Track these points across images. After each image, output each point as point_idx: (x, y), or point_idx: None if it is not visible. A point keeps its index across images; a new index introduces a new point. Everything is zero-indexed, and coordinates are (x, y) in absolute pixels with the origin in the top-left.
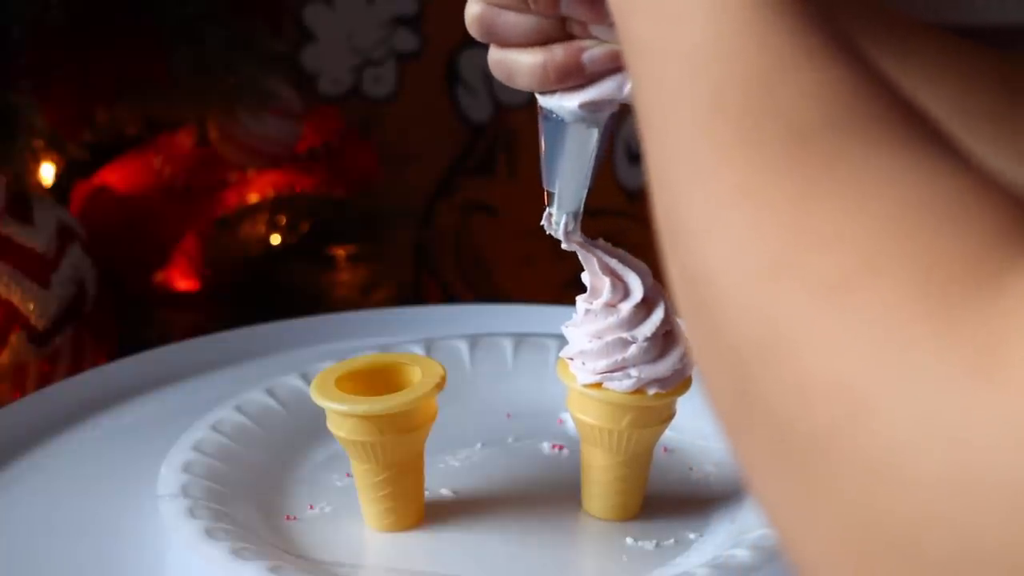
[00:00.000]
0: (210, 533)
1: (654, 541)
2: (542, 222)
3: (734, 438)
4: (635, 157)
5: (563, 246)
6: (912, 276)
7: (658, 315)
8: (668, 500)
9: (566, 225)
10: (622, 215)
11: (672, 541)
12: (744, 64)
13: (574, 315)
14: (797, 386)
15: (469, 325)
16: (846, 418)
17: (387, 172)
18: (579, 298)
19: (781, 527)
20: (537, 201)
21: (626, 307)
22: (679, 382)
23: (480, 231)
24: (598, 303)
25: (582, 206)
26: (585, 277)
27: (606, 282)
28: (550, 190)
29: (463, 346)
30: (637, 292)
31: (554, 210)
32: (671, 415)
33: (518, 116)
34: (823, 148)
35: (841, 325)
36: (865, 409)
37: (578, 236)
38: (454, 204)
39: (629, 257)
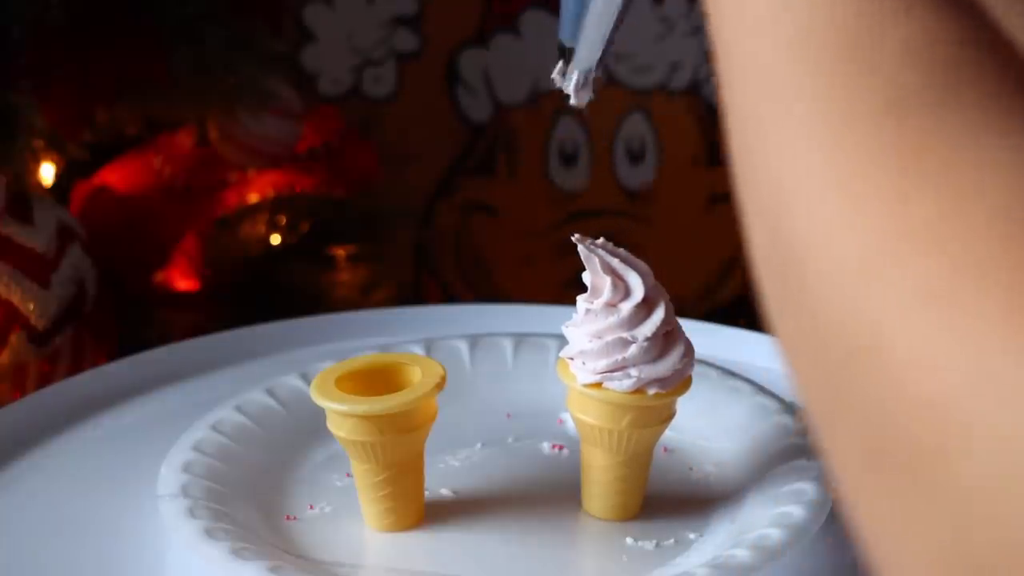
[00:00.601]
0: (210, 533)
1: (654, 541)
2: (553, 75)
3: (821, 427)
4: (635, 157)
5: (571, 101)
6: (1016, 289)
7: (659, 315)
8: (668, 500)
9: (578, 82)
10: (622, 215)
11: (672, 541)
12: (841, 10)
13: (574, 315)
14: (892, 396)
15: (469, 325)
16: (940, 440)
17: (387, 172)
18: (579, 298)
19: (867, 532)
20: (537, 202)
21: (627, 307)
22: (679, 382)
23: (480, 231)
24: (599, 303)
25: (596, 65)
26: (586, 276)
27: (607, 281)
28: (568, 45)
29: (463, 346)
30: (638, 292)
31: (569, 65)
32: (671, 415)
33: (518, 116)
34: (922, 118)
35: (940, 339)
36: (962, 434)
37: (588, 94)
38: (454, 204)
39: (630, 257)
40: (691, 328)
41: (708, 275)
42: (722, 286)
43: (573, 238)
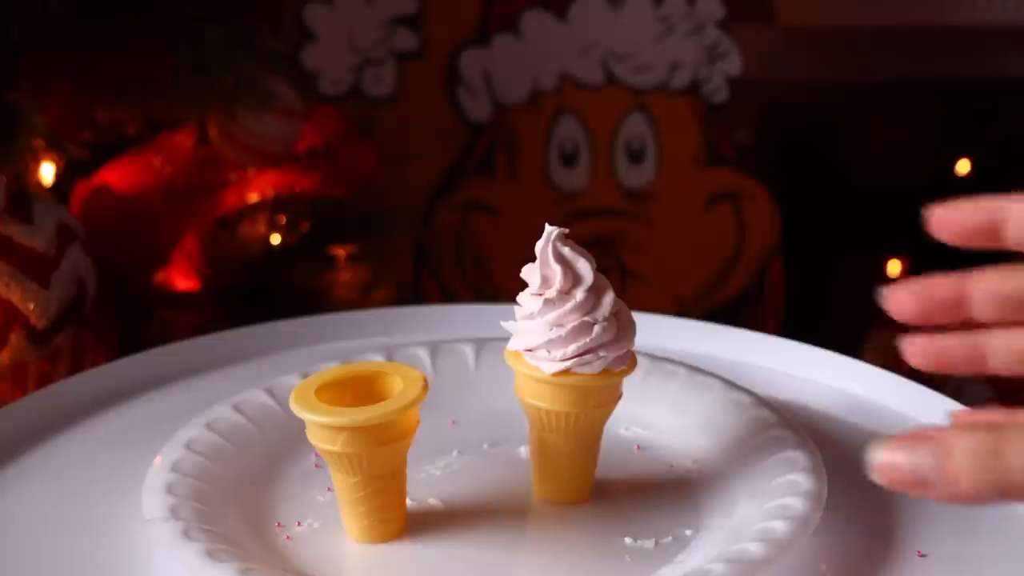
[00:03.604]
0: (187, 534)
1: (652, 540)
2: None
3: None
4: (635, 157)
5: None
6: None
7: (608, 297)
8: (656, 498)
9: None
10: (622, 215)
11: (670, 539)
12: None
13: (516, 310)
14: None
15: (469, 325)
16: None
17: (387, 172)
18: (524, 293)
19: None
20: (537, 202)
21: (580, 292)
22: (628, 358)
23: (480, 231)
24: (552, 291)
25: None
26: (529, 270)
27: (558, 270)
28: None
29: (424, 354)
30: (588, 277)
31: None
32: (619, 395)
33: (518, 116)
34: None
35: None
36: None
37: None
38: (454, 204)
39: (575, 245)
40: (691, 328)
41: (708, 275)
42: (722, 286)
43: (547, 230)
